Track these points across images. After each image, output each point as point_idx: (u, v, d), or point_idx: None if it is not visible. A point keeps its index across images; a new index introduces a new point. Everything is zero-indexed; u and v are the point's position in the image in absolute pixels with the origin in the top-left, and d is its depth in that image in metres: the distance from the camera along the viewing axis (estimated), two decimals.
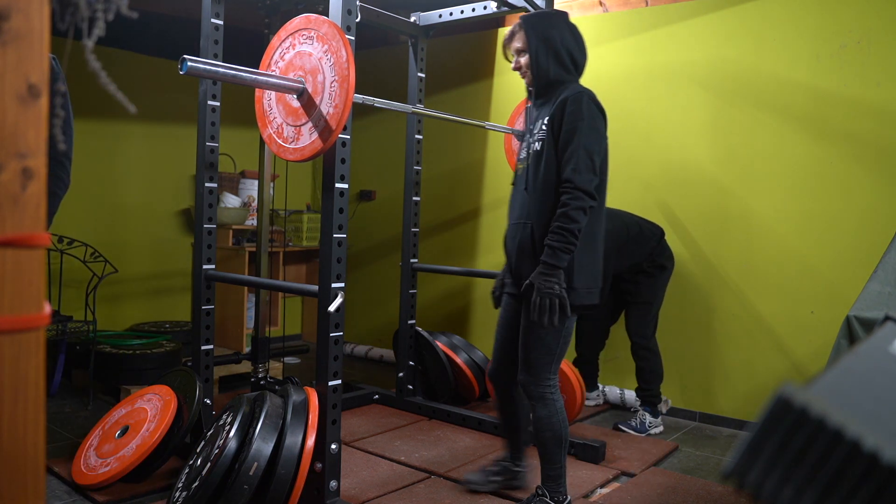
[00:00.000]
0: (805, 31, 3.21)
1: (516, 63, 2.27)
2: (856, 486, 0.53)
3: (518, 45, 2.25)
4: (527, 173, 2.22)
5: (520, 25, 2.25)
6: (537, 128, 2.22)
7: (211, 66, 1.97)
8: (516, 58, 2.27)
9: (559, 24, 2.22)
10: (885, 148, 3.03)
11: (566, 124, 2.10)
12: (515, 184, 2.32)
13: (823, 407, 0.55)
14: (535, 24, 2.22)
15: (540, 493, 2.25)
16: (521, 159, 2.31)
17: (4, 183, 0.71)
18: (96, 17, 0.76)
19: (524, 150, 2.28)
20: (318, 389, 2.22)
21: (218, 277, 2.71)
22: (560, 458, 2.22)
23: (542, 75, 2.21)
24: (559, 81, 2.21)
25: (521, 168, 2.29)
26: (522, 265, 2.20)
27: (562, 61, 2.21)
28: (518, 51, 2.25)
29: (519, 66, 2.26)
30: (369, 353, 4.74)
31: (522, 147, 2.31)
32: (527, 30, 2.22)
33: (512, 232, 2.27)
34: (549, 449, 2.22)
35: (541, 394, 2.19)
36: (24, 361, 0.73)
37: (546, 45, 2.19)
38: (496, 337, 2.41)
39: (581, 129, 2.09)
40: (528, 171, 2.22)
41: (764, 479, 0.56)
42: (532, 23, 2.22)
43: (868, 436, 0.53)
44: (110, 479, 2.34)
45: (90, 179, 4.05)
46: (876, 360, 0.68)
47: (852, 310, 1.84)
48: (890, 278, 1.94)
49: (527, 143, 2.27)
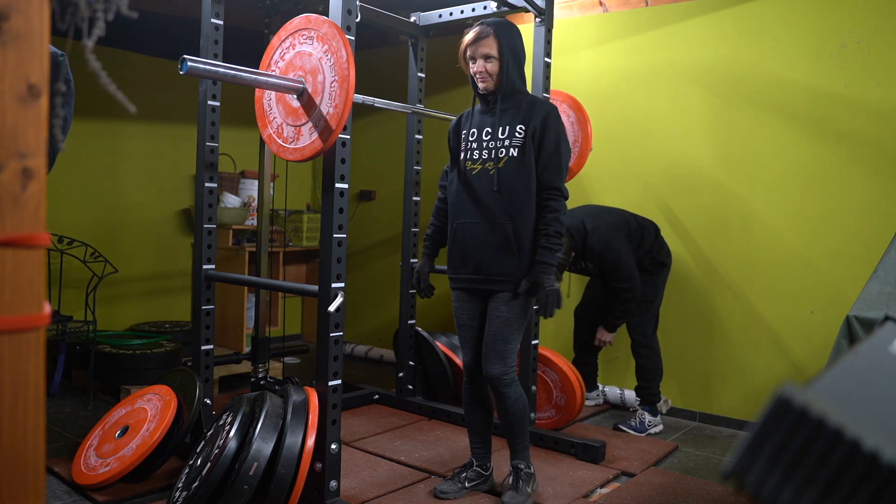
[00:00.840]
0: (805, 31, 3.21)
1: (479, 66, 2.30)
2: (856, 486, 0.53)
3: (487, 50, 2.29)
4: (497, 175, 2.28)
5: (491, 32, 2.29)
6: (505, 133, 2.31)
7: (211, 66, 1.97)
8: (480, 62, 2.30)
9: (520, 36, 2.37)
10: (884, 148, 3.03)
11: (551, 136, 2.28)
12: (468, 183, 2.35)
13: (823, 407, 0.55)
14: (506, 33, 2.31)
15: (521, 466, 2.42)
16: (477, 160, 2.35)
17: (4, 183, 0.71)
18: (96, 17, 0.76)
19: (485, 152, 2.33)
20: (318, 389, 2.22)
21: (218, 277, 2.71)
22: (527, 428, 2.44)
23: (508, 85, 2.32)
24: (519, 91, 2.35)
25: (477, 169, 2.34)
26: (499, 262, 2.30)
27: (522, 73, 2.37)
28: (485, 56, 2.30)
29: (483, 70, 2.31)
30: (369, 353, 4.74)
31: (476, 149, 2.36)
32: (500, 38, 2.29)
33: (476, 231, 2.32)
34: (521, 424, 2.40)
35: (512, 378, 2.35)
36: (24, 361, 0.73)
37: (514, 55, 2.31)
38: (469, 332, 2.42)
39: (563, 144, 2.30)
40: (498, 173, 2.29)
41: (764, 480, 0.56)
42: (504, 32, 2.30)
43: (868, 436, 0.53)
44: (110, 479, 2.34)
45: (90, 179, 4.05)
46: (876, 360, 0.68)
47: (852, 310, 1.84)
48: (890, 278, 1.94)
49: (489, 147, 2.33)
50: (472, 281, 2.36)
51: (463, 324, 2.42)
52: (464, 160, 2.38)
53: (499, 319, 2.30)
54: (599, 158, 3.69)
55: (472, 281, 2.36)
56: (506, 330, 2.30)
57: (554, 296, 2.23)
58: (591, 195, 3.81)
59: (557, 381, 3.14)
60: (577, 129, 3.29)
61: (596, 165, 3.68)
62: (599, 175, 3.79)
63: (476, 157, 2.35)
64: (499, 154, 2.30)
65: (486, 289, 2.34)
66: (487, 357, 2.32)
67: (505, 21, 2.36)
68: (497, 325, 2.30)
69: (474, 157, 2.36)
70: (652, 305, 3.31)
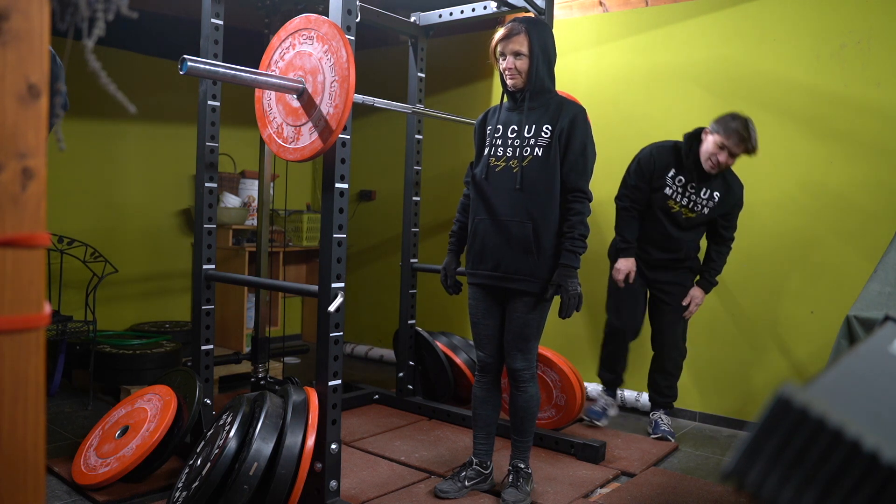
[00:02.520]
0: (805, 31, 3.21)
1: (509, 63, 2.29)
2: (856, 486, 0.53)
3: (517, 47, 2.28)
4: (521, 174, 2.28)
5: (523, 29, 2.29)
6: (531, 132, 2.30)
7: (211, 66, 1.97)
8: (510, 58, 2.29)
9: (552, 36, 2.38)
10: (885, 148, 3.03)
11: (578, 138, 2.28)
12: (491, 179, 2.35)
13: (823, 407, 0.55)
14: (538, 31, 2.30)
15: (521, 465, 2.44)
16: (501, 157, 2.35)
17: (4, 183, 0.71)
18: (96, 17, 0.76)
19: (510, 150, 2.33)
20: (318, 389, 2.22)
21: (218, 277, 2.71)
22: (534, 427, 2.48)
23: (537, 83, 2.31)
24: (548, 90, 2.35)
25: (501, 166, 2.34)
26: (517, 261, 2.30)
27: (552, 72, 2.37)
28: (515, 53, 2.29)
29: (512, 67, 2.29)
30: (369, 353, 4.74)
31: (501, 146, 2.36)
32: (531, 35, 2.28)
33: (497, 228, 2.32)
34: (531, 422, 2.45)
35: (533, 373, 2.41)
36: (24, 361, 0.73)
37: (544, 54, 2.31)
38: (484, 329, 2.43)
39: (589, 147, 2.32)
40: (522, 171, 2.28)
41: (764, 480, 0.56)
42: (535, 29, 2.30)
43: (868, 436, 0.53)
44: (110, 479, 2.34)
45: (90, 179, 4.05)
46: (876, 360, 0.68)
47: (852, 310, 1.84)
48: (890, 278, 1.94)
49: (514, 145, 2.32)
50: (491, 278, 2.36)
51: (477, 321, 2.44)
52: (487, 156, 2.39)
53: (519, 321, 2.34)
54: (600, 158, 3.65)
55: (490, 278, 2.37)
56: (526, 331, 2.34)
57: (576, 299, 2.25)
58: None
59: (557, 381, 3.14)
60: None
61: (596, 165, 3.67)
62: (600, 175, 3.77)
63: (500, 154, 2.35)
64: (523, 152, 2.30)
65: (503, 286, 2.35)
66: (510, 353, 2.37)
67: (538, 19, 2.36)
68: (518, 326, 2.34)
69: (498, 153, 2.36)
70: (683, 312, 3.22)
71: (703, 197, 3.02)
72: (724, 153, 2.90)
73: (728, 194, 3.04)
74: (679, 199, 3.04)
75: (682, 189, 3.02)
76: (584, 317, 3.84)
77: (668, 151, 3.06)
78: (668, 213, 3.06)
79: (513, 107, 2.37)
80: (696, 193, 3.02)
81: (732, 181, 3.06)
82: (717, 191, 3.02)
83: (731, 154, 2.90)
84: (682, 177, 3.02)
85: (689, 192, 3.02)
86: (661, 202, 3.06)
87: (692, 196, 3.02)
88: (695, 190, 3.01)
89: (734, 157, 2.92)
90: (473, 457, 2.52)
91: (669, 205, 3.05)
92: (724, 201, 3.03)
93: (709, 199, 3.02)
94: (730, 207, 3.05)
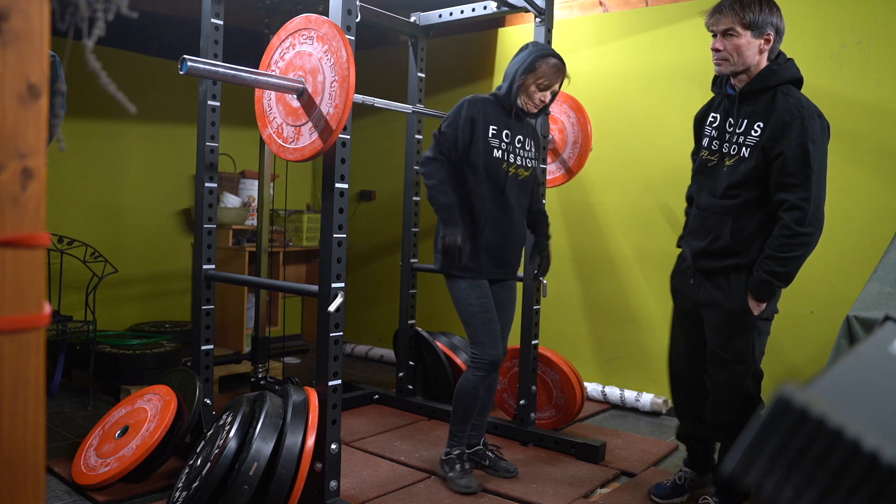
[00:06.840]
0: (804, 31, 3.20)
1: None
2: (856, 486, 0.53)
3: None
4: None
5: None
6: (529, 146, 2.65)
7: (211, 66, 1.97)
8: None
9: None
10: (885, 148, 3.03)
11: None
12: (509, 185, 2.58)
13: (823, 407, 0.55)
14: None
15: (490, 443, 2.76)
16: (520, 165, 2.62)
17: (4, 183, 0.71)
18: (96, 17, 0.76)
19: (520, 159, 2.60)
20: (318, 389, 2.22)
21: (218, 277, 2.71)
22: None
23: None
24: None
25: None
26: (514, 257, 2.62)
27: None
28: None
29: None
30: (369, 353, 4.74)
31: (512, 153, 2.58)
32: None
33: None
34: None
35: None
36: (24, 361, 0.73)
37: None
38: (496, 319, 2.55)
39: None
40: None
41: (764, 480, 0.56)
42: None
43: (868, 436, 0.53)
44: (110, 479, 2.34)
45: (90, 179, 4.05)
46: (876, 360, 0.68)
47: (852, 310, 1.84)
48: (890, 278, 1.94)
49: (521, 154, 2.61)
50: (490, 271, 2.58)
51: (493, 318, 2.52)
52: (502, 160, 2.56)
53: (508, 309, 2.68)
54: (599, 158, 3.69)
55: (490, 271, 2.59)
56: (511, 318, 2.75)
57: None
58: (590, 195, 3.81)
59: (557, 381, 3.14)
60: (577, 129, 3.29)
61: (596, 165, 3.68)
62: (599, 175, 3.79)
63: (518, 162, 2.58)
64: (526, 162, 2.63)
65: (501, 280, 2.63)
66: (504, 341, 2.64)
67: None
68: (509, 314, 2.70)
69: (514, 161, 2.59)
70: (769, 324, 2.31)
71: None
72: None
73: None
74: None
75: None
76: (584, 317, 3.84)
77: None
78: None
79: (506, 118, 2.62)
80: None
81: None
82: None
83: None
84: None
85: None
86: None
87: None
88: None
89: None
90: (463, 445, 2.60)
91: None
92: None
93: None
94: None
